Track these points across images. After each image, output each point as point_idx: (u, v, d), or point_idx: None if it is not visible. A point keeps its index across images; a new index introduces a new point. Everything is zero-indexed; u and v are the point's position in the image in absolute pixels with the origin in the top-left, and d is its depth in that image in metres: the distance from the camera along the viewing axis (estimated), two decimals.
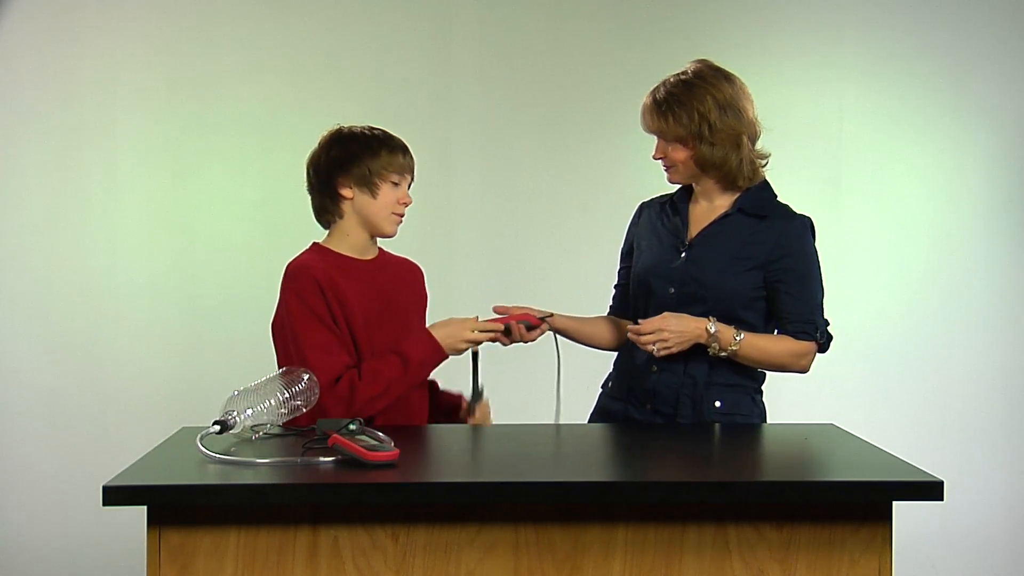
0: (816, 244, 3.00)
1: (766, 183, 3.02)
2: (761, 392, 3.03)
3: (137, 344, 4.38)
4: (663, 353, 2.85)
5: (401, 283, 2.99)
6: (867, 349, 4.48)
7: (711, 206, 3.00)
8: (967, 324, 4.48)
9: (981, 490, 4.44)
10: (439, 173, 4.42)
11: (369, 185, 2.88)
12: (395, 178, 2.89)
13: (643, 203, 3.18)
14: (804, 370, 2.94)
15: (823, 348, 2.97)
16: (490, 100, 4.45)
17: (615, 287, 3.21)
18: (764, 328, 2.96)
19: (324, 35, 4.42)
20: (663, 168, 3.02)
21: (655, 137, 3.00)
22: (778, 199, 3.02)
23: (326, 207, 2.93)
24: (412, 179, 2.97)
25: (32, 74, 4.35)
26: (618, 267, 3.20)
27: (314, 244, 2.96)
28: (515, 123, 4.45)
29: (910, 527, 3.93)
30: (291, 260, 2.89)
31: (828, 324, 2.97)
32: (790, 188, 4.45)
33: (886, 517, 2.26)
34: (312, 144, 2.97)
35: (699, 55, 4.41)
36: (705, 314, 2.89)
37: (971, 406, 4.48)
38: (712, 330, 2.84)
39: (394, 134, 2.97)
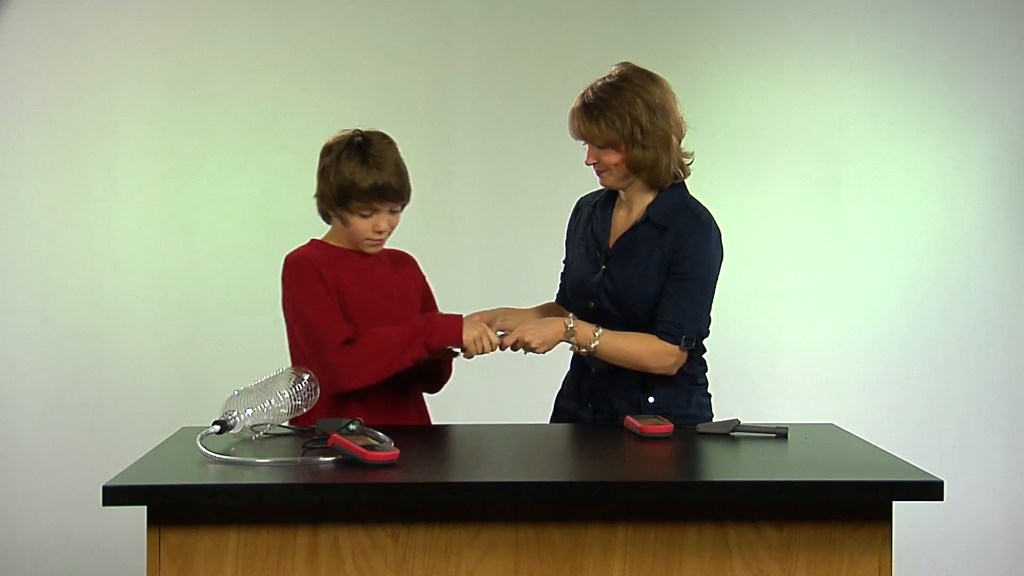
0: (718, 247, 2.97)
1: (681, 185, 3.00)
2: (701, 387, 3.03)
3: (137, 344, 4.38)
4: (536, 352, 2.85)
5: (398, 274, 3.01)
6: (867, 349, 4.48)
7: (629, 214, 3.02)
8: (967, 324, 4.48)
9: (981, 490, 4.43)
10: (439, 173, 4.42)
11: (341, 216, 2.89)
12: (366, 213, 2.86)
13: (581, 200, 3.18)
14: (668, 371, 2.92)
15: (691, 351, 2.96)
16: (490, 100, 4.45)
17: (562, 275, 3.21)
18: None
19: (324, 35, 4.42)
20: (595, 173, 3.01)
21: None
22: (689, 201, 3.00)
23: (322, 210, 2.97)
24: (402, 204, 2.91)
25: (32, 74, 4.35)
26: (564, 256, 3.19)
27: (312, 240, 2.98)
28: (515, 123, 4.44)
29: (910, 527, 3.93)
30: (289, 252, 2.93)
31: (703, 331, 2.97)
32: (790, 188, 4.52)
33: (886, 517, 2.26)
34: (311, 144, 2.97)
35: (699, 55, 4.48)
36: (623, 324, 2.92)
37: (971, 406, 4.48)
38: (570, 325, 2.86)
39: (391, 163, 2.86)
